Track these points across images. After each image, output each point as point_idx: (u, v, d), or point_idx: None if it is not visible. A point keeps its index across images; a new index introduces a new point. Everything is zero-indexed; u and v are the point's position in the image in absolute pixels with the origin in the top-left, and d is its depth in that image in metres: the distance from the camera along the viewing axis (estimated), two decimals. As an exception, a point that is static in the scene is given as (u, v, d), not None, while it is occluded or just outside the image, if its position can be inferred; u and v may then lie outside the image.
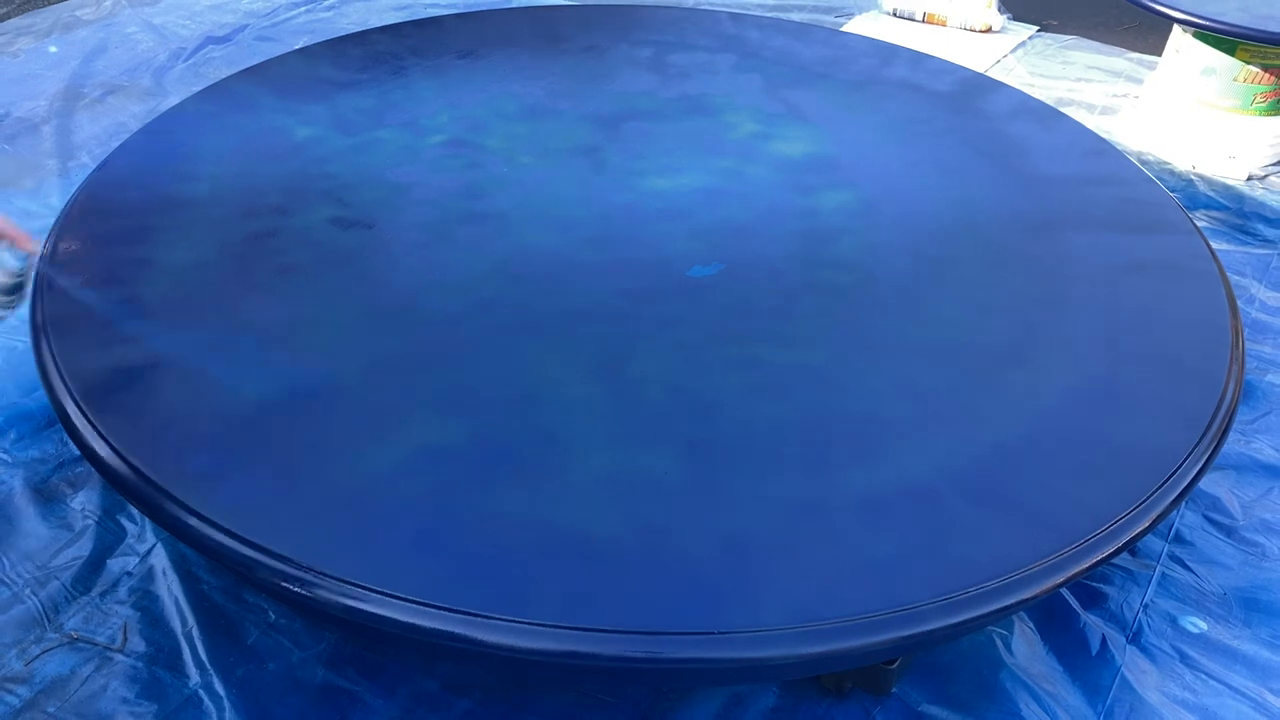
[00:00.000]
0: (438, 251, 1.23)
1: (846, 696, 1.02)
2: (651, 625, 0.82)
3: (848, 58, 1.72)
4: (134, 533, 1.18)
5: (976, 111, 1.57)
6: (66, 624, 1.08)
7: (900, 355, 1.10)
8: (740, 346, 1.10)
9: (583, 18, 1.85)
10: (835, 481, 0.94)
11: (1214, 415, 1.02)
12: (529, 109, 1.54)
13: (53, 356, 1.05)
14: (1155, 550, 1.19)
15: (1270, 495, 1.26)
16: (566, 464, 0.95)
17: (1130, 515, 0.92)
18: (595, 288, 1.18)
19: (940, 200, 1.35)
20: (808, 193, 1.36)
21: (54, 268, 1.18)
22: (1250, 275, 1.65)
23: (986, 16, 2.45)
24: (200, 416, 1.00)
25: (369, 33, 1.79)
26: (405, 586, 0.83)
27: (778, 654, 0.82)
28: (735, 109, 1.55)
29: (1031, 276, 1.22)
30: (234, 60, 2.21)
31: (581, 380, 1.05)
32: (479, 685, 1.03)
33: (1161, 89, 2.05)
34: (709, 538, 0.89)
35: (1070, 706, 1.02)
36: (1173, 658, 1.07)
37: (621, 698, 1.02)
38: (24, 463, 1.26)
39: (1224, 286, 1.20)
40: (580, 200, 1.34)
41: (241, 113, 1.50)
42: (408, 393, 1.03)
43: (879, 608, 0.83)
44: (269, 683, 1.03)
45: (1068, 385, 1.06)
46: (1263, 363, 1.47)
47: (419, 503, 0.92)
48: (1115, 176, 1.42)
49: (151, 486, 0.92)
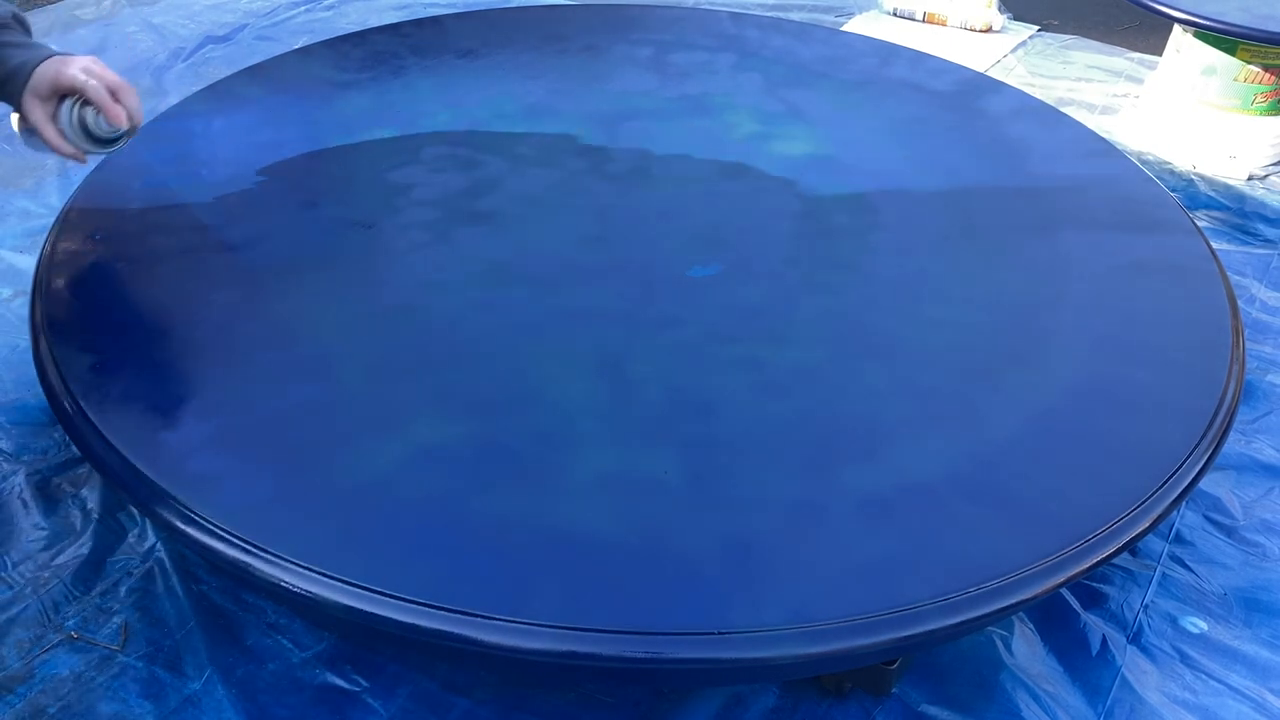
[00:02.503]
0: (437, 251, 1.23)
1: (846, 697, 1.02)
2: (651, 625, 0.82)
3: (848, 57, 1.72)
4: (134, 532, 1.18)
5: (977, 111, 1.57)
6: (67, 623, 1.08)
7: (900, 355, 1.10)
8: (740, 346, 1.10)
9: (583, 17, 1.85)
10: (835, 481, 0.94)
11: (1214, 415, 1.02)
12: (529, 108, 1.54)
13: (52, 356, 1.05)
14: (1156, 550, 1.19)
15: (1271, 495, 1.26)
16: (566, 464, 0.95)
17: (1131, 515, 0.92)
18: (595, 288, 1.18)
19: (940, 200, 1.35)
20: (808, 192, 1.36)
21: (53, 267, 1.18)
22: (1251, 275, 1.65)
23: (987, 16, 2.45)
24: (200, 416, 0.99)
25: (368, 32, 1.79)
26: (404, 587, 0.83)
27: (778, 654, 0.82)
28: (735, 109, 1.55)
29: (1032, 276, 1.22)
30: (233, 60, 2.21)
31: (581, 380, 1.05)
32: (479, 685, 1.03)
33: (1162, 89, 2.04)
34: (709, 538, 0.89)
35: (1070, 707, 1.02)
36: (1173, 658, 1.07)
37: (621, 698, 1.02)
38: (25, 461, 1.26)
39: (1224, 286, 1.20)
40: (580, 200, 1.34)
41: (241, 112, 1.50)
42: (407, 392, 1.03)
43: (879, 608, 0.83)
44: (269, 683, 1.03)
45: (1068, 385, 1.06)
46: (1263, 363, 1.47)
47: (418, 502, 0.91)
48: (1116, 176, 1.42)
49: (151, 487, 0.92)
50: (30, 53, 1.10)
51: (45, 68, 1.08)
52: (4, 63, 1.09)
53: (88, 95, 1.08)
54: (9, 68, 1.09)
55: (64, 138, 1.10)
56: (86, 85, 1.07)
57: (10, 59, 1.09)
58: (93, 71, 1.09)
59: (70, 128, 1.10)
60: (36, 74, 1.08)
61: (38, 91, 1.08)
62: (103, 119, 1.09)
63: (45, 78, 1.08)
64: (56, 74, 1.08)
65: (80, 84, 1.07)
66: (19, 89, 1.09)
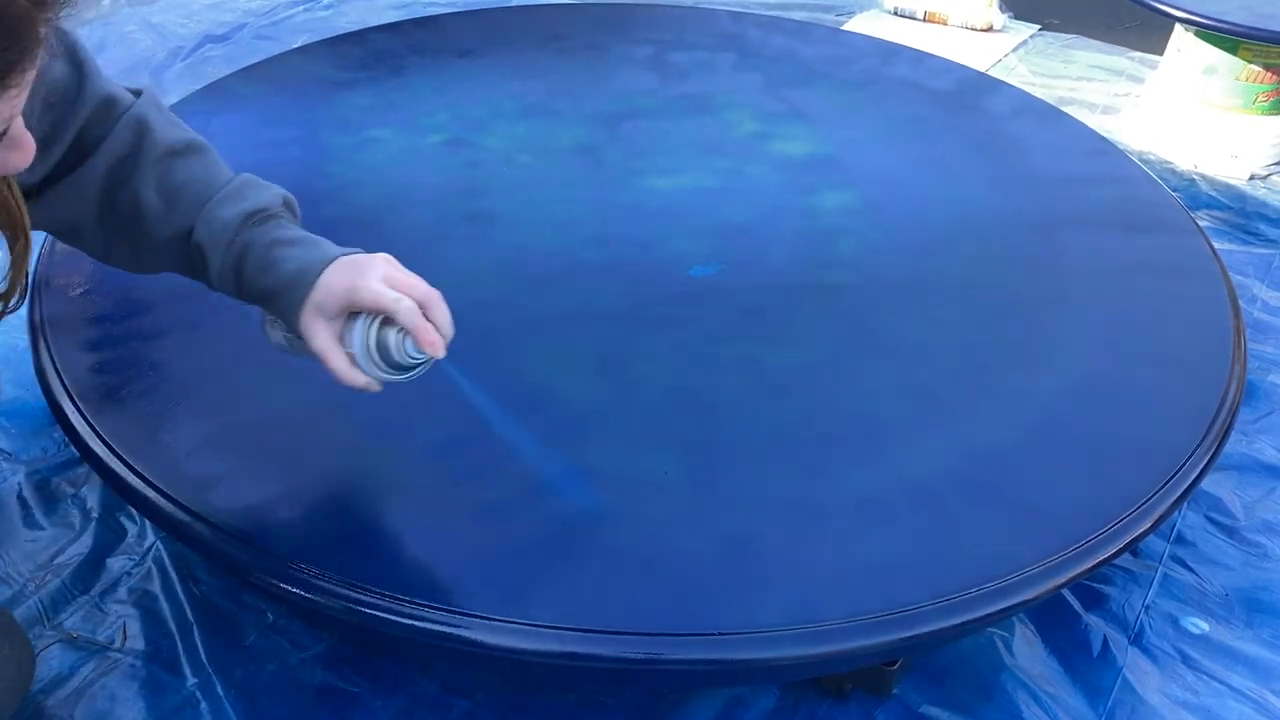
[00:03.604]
0: (437, 251, 1.23)
1: (847, 698, 1.01)
2: (651, 626, 0.82)
3: (849, 56, 1.72)
4: (134, 532, 1.17)
5: (978, 110, 1.57)
6: (66, 622, 1.08)
7: (900, 355, 1.09)
8: (740, 346, 1.10)
9: (583, 16, 1.84)
10: (835, 481, 0.94)
11: (1216, 415, 1.02)
12: (529, 108, 1.54)
13: (50, 356, 1.05)
14: (1157, 551, 1.18)
15: (1272, 496, 1.26)
16: (565, 464, 0.95)
17: (1132, 516, 0.92)
18: (595, 287, 1.18)
19: (941, 199, 1.35)
20: (808, 192, 1.35)
21: (53, 267, 1.17)
22: (1252, 275, 1.65)
23: (988, 15, 2.44)
24: (199, 417, 0.99)
25: (368, 31, 1.79)
26: (404, 587, 0.83)
27: (778, 655, 0.82)
28: (736, 108, 1.55)
29: (1032, 276, 1.22)
30: (233, 59, 2.20)
31: (580, 380, 1.05)
32: (478, 687, 1.03)
33: (1163, 88, 2.04)
34: (709, 538, 0.89)
35: (1071, 708, 1.01)
36: (1174, 659, 1.07)
37: (621, 699, 1.02)
38: (25, 461, 1.26)
39: (1226, 286, 1.20)
40: (580, 200, 1.33)
41: (240, 112, 1.50)
42: (406, 392, 1.02)
43: (879, 609, 0.83)
44: (267, 683, 1.02)
45: (1069, 385, 1.06)
46: (1265, 363, 1.46)
47: (418, 502, 0.91)
48: (1117, 176, 1.42)
49: (150, 487, 0.91)
50: (309, 253, 0.83)
51: (334, 279, 0.81)
52: (276, 268, 0.82)
53: (399, 320, 0.81)
54: (283, 275, 0.82)
55: (355, 365, 0.83)
56: (398, 308, 0.80)
57: (284, 263, 0.82)
58: (397, 282, 0.82)
59: (367, 355, 0.82)
60: (321, 286, 0.81)
61: (324, 310, 0.81)
62: (410, 343, 0.81)
63: (335, 293, 0.81)
64: (351, 288, 0.80)
65: (388, 305, 0.80)
66: (296, 302, 0.82)
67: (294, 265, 0.82)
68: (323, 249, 0.84)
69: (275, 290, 0.83)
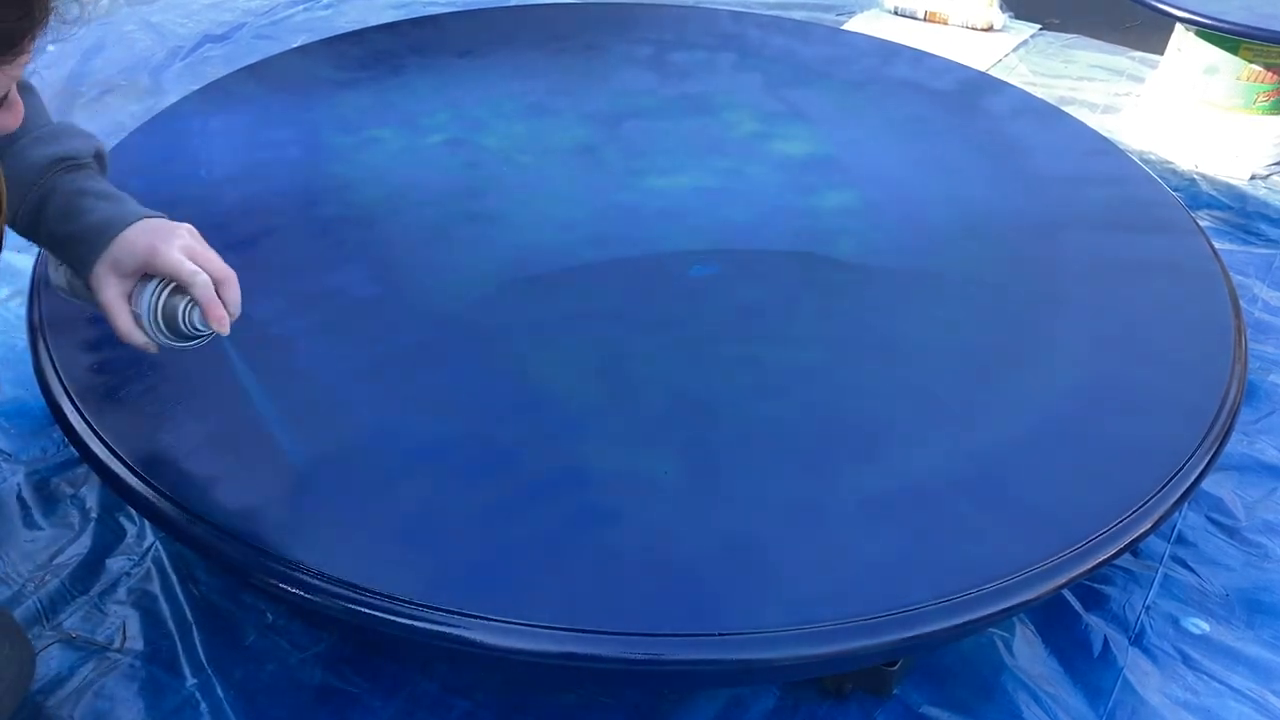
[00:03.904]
0: (436, 251, 1.23)
1: (847, 698, 1.01)
2: (651, 627, 0.82)
3: (849, 56, 1.72)
4: (133, 532, 1.17)
5: (978, 110, 1.57)
6: (65, 623, 1.08)
7: (900, 355, 1.09)
8: (740, 346, 1.09)
9: (582, 16, 1.84)
10: (835, 482, 0.94)
11: (1217, 415, 1.02)
12: (528, 108, 1.54)
13: (50, 356, 1.04)
14: (1157, 551, 1.18)
15: (1273, 496, 1.25)
16: (565, 464, 0.95)
17: (1133, 516, 0.91)
18: (595, 287, 1.17)
19: (942, 199, 1.35)
20: (808, 192, 1.35)
21: (51, 267, 1.17)
22: (1253, 275, 1.65)
23: (988, 15, 2.44)
24: (198, 417, 0.99)
25: (367, 31, 1.79)
26: (403, 588, 0.83)
27: (778, 655, 0.82)
28: (736, 108, 1.55)
29: (1033, 276, 1.21)
30: (232, 59, 2.20)
31: (580, 380, 1.04)
32: (478, 687, 1.02)
33: (1164, 88, 2.04)
34: (709, 538, 0.88)
35: (1072, 708, 1.01)
36: (1175, 659, 1.07)
37: (621, 699, 1.02)
38: (24, 461, 1.25)
39: (1227, 286, 1.20)
40: (580, 200, 1.33)
41: (239, 111, 1.50)
42: (405, 393, 1.03)
43: (880, 609, 0.82)
44: (267, 683, 1.02)
45: (1069, 385, 1.05)
46: (1265, 363, 1.46)
47: (417, 503, 0.91)
48: (1117, 176, 1.41)
49: (149, 487, 0.91)
50: (114, 208, 0.85)
51: (135, 238, 0.83)
52: (79, 217, 0.83)
53: (192, 292, 0.83)
54: (85, 225, 0.84)
55: (138, 325, 0.85)
56: (194, 280, 0.82)
57: (88, 213, 0.84)
58: (196, 254, 0.84)
59: (151, 319, 0.85)
60: (122, 242, 0.83)
61: (119, 266, 0.83)
62: (197, 314, 0.84)
63: (134, 253, 0.83)
64: (151, 251, 0.82)
65: (184, 276, 0.82)
66: (92, 255, 0.83)
67: (97, 217, 0.84)
68: (127, 206, 0.86)
69: (74, 238, 0.84)
